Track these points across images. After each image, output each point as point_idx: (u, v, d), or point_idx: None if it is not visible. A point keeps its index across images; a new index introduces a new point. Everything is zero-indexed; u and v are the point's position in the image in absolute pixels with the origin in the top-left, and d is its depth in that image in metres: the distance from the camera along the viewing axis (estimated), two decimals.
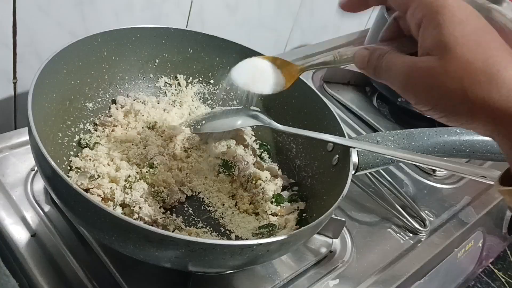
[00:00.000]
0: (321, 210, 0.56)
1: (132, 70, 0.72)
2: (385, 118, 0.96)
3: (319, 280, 0.64)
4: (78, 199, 0.46)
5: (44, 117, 0.58)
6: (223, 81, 0.68)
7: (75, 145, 0.64)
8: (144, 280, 0.57)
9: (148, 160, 0.63)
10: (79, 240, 0.59)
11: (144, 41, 0.70)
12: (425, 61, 0.39)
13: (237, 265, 0.52)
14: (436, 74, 0.38)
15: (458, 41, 0.37)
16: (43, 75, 0.56)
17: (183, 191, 0.63)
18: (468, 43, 0.37)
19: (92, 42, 0.64)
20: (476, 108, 0.37)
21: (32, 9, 0.67)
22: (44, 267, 0.56)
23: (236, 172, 0.67)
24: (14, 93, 0.73)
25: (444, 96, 0.38)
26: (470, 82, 0.37)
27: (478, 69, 0.36)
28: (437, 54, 0.38)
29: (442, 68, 0.38)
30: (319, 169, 0.68)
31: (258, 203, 0.65)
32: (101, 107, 0.69)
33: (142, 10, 0.79)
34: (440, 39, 0.38)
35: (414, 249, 0.73)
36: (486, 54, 0.37)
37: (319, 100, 0.69)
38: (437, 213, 0.80)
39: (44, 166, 0.49)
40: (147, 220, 0.57)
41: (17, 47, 0.69)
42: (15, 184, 0.63)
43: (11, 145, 0.67)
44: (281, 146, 0.75)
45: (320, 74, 1.02)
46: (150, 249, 0.47)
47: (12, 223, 0.59)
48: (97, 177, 0.59)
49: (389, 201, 0.77)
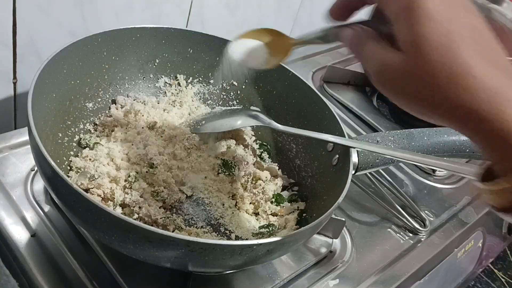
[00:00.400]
0: (321, 210, 0.56)
1: (132, 70, 0.72)
2: (385, 118, 0.96)
3: (319, 280, 0.64)
4: (78, 199, 0.46)
5: (44, 117, 0.58)
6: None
7: (75, 145, 0.64)
8: (144, 280, 0.57)
9: (148, 160, 0.63)
10: (79, 240, 0.59)
11: (144, 41, 0.70)
12: (393, 58, 0.38)
13: (237, 265, 0.52)
14: (401, 74, 0.37)
15: (425, 40, 0.35)
16: (43, 75, 0.56)
17: (183, 191, 0.63)
18: (435, 42, 0.35)
19: (92, 42, 0.64)
20: (443, 109, 0.36)
21: (32, 9, 0.67)
22: (44, 267, 0.56)
23: (236, 172, 0.67)
24: (14, 93, 0.73)
25: (411, 95, 0.38)
26: (434, 83, 0.35)
27: (442, 70, 0.35)
28: (405, 52, 0.37)
29: (407, 66, 0.37)
30: (319, 169, 0.68)
31: (258, 203, 0.65)
32: (101, 107, 0.69)
33: (142, 10, 0.79)
34: (408, 37, 0.36)
35: (414, 249, 0.73)
36: (453, 55, 0.35)
37: (319, 100, 0.69)
38: (437, 213, 0.80)
39: (44, 166, 0.49)
40: (147, 220, 0.57)
41: (17, 47, 0.69)
42: (15, 184, 0.63)
43: (11, 145, 0.67)
44: (281, 146, 0.75)
45: (320, 74, 1.02)
46: (150, 249, 0.47)
47: (12, 223, 0.59)
48: (97, 177, 0.59)
49: (389, 201, 0.77)
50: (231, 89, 0.77)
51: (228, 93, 0.77)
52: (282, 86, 0.73)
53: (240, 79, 0.75)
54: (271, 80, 0.74)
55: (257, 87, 0.76)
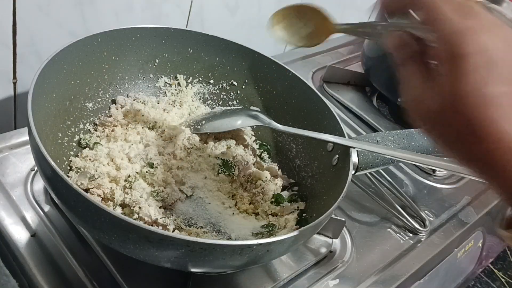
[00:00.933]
0: (321, 210, 0.56)
1: (132, 70, 0.72)
2: (385, 118, 0.96)
3: (319, 280, 0.64)
4: (78, 199, 0.46)
5: (44, 117, 0.58)
6: None
7: (75, 145, 0.64)
8: (144, 280, 0.57)
9: (148, 160, 0.63)
10: (79, 240, 0.59)
11: (144, 41, 0.70)
12: (432, 99, 0.37)
13: (237, 265, 0.52)
14: (439, 118, 0.37)
15: (465, 98, 0.35)
16: (43, 75, 0.56)
17: (183, 191, 0.63)
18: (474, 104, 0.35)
19: (92, 42, 0.64)
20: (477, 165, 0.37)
21: (32, 9, 0.67)
22: (44, 267, 0.56)
23: (236, 172, 0.67)
24: (14, 93, 0.73)
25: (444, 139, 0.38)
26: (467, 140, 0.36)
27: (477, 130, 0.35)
28: (444, 98, 0.36)
29: (445, 115, 0.36)
30: (319, 169, 0.68)
31: (258, 203, 0.65)
32: (101, 107, 0.69)
33: (142, 10, 0.79)
34: (447, 87, 0.36)
35: (414, 249, 0.73)
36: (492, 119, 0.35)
37: (319, 100, 0.69)
38: (437, 213, 0.80)
39: (44, 166, 0.49)
40: (147, 220, 0.57)
41: (17, 47, 0.69)
42: (15, 184, 0.63)
43: (11, 145, 0.67)
44: (281, 146, 0.75)
45: (320, 74, 1.02)
46: (150, 249, 0.47)
47: (12, 223, 0.59)
48: (97, 177, 0.59)
49: (389, 201, 0.77)
50: (231, 89, 0.77)
51: (228, 93, 0.77)
52: (282, 86, 0.73)
53: (240, 79, 0.75)
54: (271, 80, 0.74)
55: (257, 87, 0.76)
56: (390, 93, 0.96)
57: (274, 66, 0.73)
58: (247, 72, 0.75)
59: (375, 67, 0.98)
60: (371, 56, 0.99)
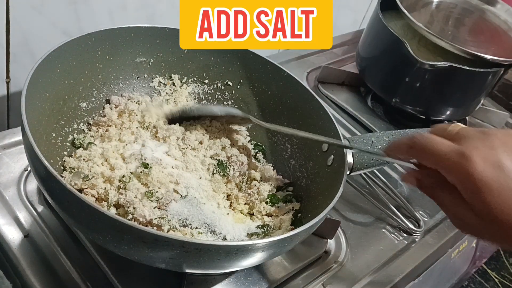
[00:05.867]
0: (316, 210, 0.56)
1: (126, 69, 0.71)
2: (380, 118, 0.97)
3: (314, 281, 0.64)
4: (71, 199, 0.46)
5: (37, 117, 0.57)
6: None
7: (69, 145, 0.64)
8: (138, 281, 0.57)
9: (142, 160, 0.63)
10: (72, 241, 0.59)
11: (138, 41, 0.70)
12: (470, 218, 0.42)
13: (232, 265, 0.52)
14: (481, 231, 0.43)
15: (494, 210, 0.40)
16: (36, 74, 0.55)
17: (178, 191, 0.63)
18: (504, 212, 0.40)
19: (86, 41, 0.64)
20: None
21: (26, 8, 0.66)
22: (37, 268, 0.55)
23: (231, 172, 0.66)
24: (7, 93, 0.73)
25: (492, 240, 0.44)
26: None
27: None
28: (481, 217, 0.42)
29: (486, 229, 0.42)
30: (314, 169, 0.68)
31: (253, 204, 0.65)
32: (95, 107, 0.69)
33: (136, 9, 0.78)
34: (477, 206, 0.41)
35: (408, 249, 0.73)
36: None
37: (314, 101, 0.69)
38: (431, 213, 0.80)
39: (38, 166, 0.49)
40: (141, 221, 0.57)
41: (10, 46, 0.68)
42: (8, 184, 0.63)
43: (4, 145, 0.67)
44: (276, 146, 0.75)
45: (314, 74, 1.02)
46: (145, 250, 0.46)
47: (5, 224, 0.58)
48: (91, 177, 0.59)
49: (384, 201, 0.77)
50: (226, 89, 0.76)
51: (223, 93, 0.77)
52: (277, 86, 0.73)
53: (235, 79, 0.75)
54: (266, 80, 0.74)
55: (252, 87, 0.75)
56: (384, 94, 0.96)
57: (269, 66, 0.73)
58: (242, 72, 0.75)
59: (369, 67, 0.98)
60: (365, 56, 0.99)
